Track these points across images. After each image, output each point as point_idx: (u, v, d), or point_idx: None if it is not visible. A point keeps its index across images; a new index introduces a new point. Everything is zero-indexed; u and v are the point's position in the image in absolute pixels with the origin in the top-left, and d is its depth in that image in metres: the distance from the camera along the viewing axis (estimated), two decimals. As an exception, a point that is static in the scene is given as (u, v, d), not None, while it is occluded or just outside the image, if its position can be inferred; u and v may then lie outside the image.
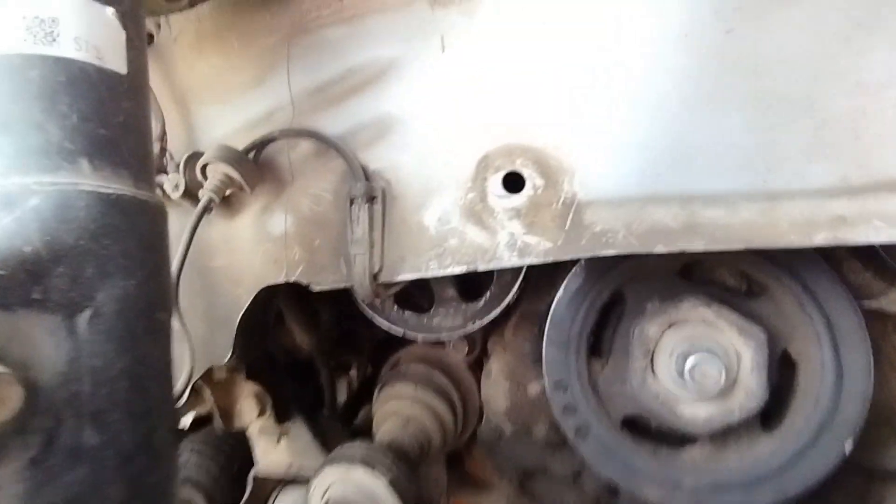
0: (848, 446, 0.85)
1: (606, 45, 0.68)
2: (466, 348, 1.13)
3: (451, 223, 0.73)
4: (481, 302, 1.01)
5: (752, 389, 0.85)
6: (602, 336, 1.01)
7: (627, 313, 0.95)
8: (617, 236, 0.66)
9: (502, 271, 1.00)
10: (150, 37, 0.91)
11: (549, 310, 0.96)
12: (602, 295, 0.95)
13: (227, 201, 0.91)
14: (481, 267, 0.72)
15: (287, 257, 0.84)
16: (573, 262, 0.93)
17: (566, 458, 1.07)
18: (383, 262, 0.77)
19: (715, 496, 0.89)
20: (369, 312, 1.06)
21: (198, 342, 0.93)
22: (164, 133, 0.88)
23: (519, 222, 0.70)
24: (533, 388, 1.07)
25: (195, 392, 1.10)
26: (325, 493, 0.95)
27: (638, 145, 0.66)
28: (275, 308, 1.08)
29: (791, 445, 0.87)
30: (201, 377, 1.12)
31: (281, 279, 0.85)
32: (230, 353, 0.90)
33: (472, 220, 0.72)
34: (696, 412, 0.88)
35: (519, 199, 0.69)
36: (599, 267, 0.95)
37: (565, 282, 0.97)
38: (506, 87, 0.71)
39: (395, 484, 0.93)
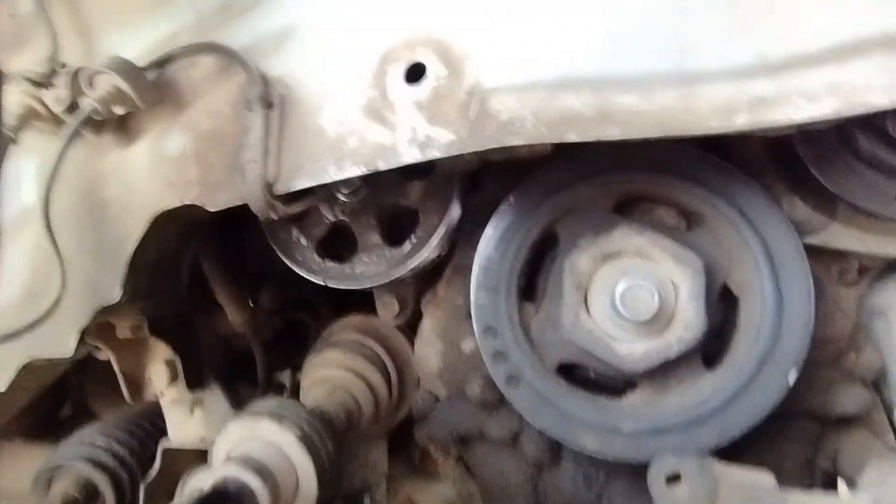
0: (791, 377, 0.79)
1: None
2: (397, 306, 1.05)
3: (350, 124, 0.67)
4: (406, 246, 0.94)
5: (689, 320, 0.79)
6: (536, 281, 0.95)
7: (561, 253, 0.90)
8: (525, 125, 0.60)
9: (428, 214, 0.93)
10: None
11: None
12: (532, 232, 0.89)
13: (123, 126, 0.83)
14: (382, 166, 0.66)
15: (182, 179, 0.77)
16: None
17: (503, 420, 0.98)
18: (279, 171, 0.70)
19: (655, 440, 0.82)
20: (288, 262, 0.98)
21: (86, 282, 0.84)
22: (55, 51, 0.80)
23: (421, 115, 0.64)
24: (467, 346, 1.00)
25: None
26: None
27: (545, 28, 0.61)
28: (190, 260, 0.99)
29: (733, 382, 0.80)
30: (102, 338, 1.02)
31: (176, 202, 0.77)
32: (120, 292, 0.81)
33: (372, 117, 0.66)
34: (632, 349, 0.81)
35: (421, 90, 0.64)
36: (529, 203, 0.90)
37: (493, 219, 0.91)
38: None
39: (305, 440, 0.84)
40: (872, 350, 0.92)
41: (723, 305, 0.88)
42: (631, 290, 0.76)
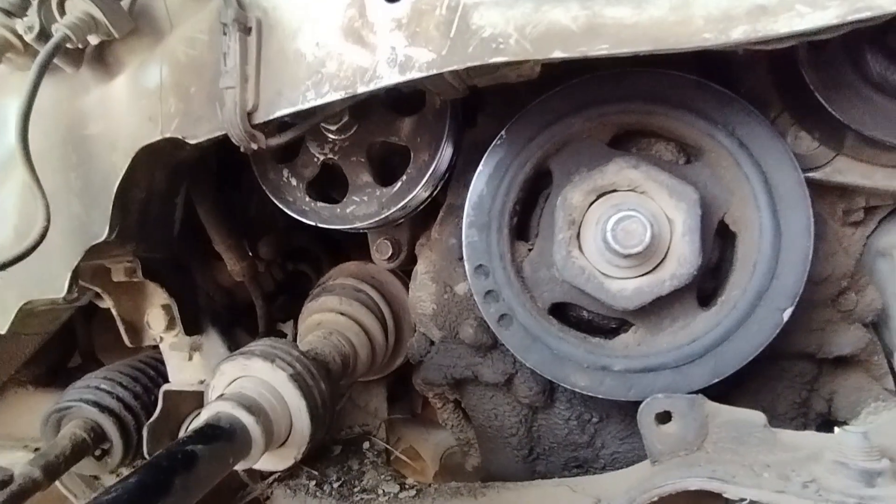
0: (786, 315, 0.77)
1: None
2: (390, 249, 1.04)
3: (328, 46, 0.64)
4: (397, 185, 0.92)
5: (683, 255, 0.77)
6: (530, 220, 0.93)
7: (554, 190, 0.87)
8: (508, 41, 0.57)
9: (419, 152, 0.91)
10: None
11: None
12: (525, 168, 0.86)
13: (102, 60, 0.81)
14: (361, 89, 0.63)
15: (162, 111, 0.75)
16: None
17: (496, 362, 0.98)
18: (259, 98, 0.68)
19: (645, 378, 0.81)
20: (279, 204, 0.97)
21: (75, 221, 0.84)
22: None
23: (401, 34, 0.61)
24: (461, 288, 0.98)
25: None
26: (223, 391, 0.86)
27: (531, -64, 0.57)
28: (180, 200, 0.98)
29: (726, 319, 0.79)
30: (99, 282, 1.03)
31: (157, 136, 0.75)
32: (107, 229, 0.81)
33: (350, 38, 0.63)
34: (624, 285, 0.80)
35: (400, 8, 0.61)
36: (521, 138, 0.87)
37: (484, 156, 0.88)
38: None
39: (296, 378, 0.84)
40: (873, 291, 0.89)
41: (720, 243, 0.85)
42: (622, 221, 0.74)
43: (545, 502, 0.87)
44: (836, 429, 0.69)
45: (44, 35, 0.72)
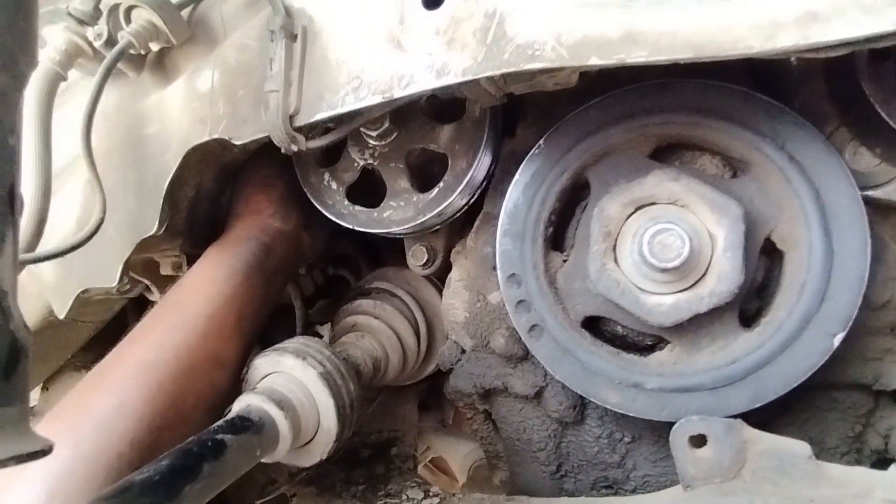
0: (837, 340, 0.72)
1: None
2: (425, 255, 1.04)
3: (368, 53, 0.66)
4: (434, 192, 0.93)
5: (724, 272, 0.74)
6: (566, 231, 0.92)
7: (591, 201, 0.86)
8: (544, 48, 0.57)
9: (457, 159, 0.92)
10: None
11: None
12: (561, 178, 0.85)
13: (161, 66, 0.86)
14: (397, 93, 0.64)
15: (212, 114, 0.79)
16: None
17: (527, 374, 0.97)
18: (300, 102, 0.70)
19: (680, 399, 0.78)
20: (318, 206, 0.99)
21: (127, 216, 0.89)
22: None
23: (438, 41, 0.62)
24: (494, 297, 0.98)
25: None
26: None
27: (571, -57, 0.57)
28: (226, 200, 1.03)
29: (770, 341, 0.75)
30: (148, 274, 1.08)
31: (205, 137, 0.79)
32: (157, 224, 0.85)
33: (390, 45, 0.65)
34: (660, 301, 0.77)
35: (439, 15, 0.62)
36: (559, 148, 0.86)
37: (521, 165, 0.88)
38: None
39: (326, 377, 0.86)
40: (941, 320, 0.82)
41: (767, 262, 0.81)
42: (660, 234, 0.72)
43: (570, 519, 0.85)
44: (892, 466, 0.64)
45: (111, 42, 0.77)
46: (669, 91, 0.80)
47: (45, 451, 0.45)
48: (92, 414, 0.75)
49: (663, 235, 0.72)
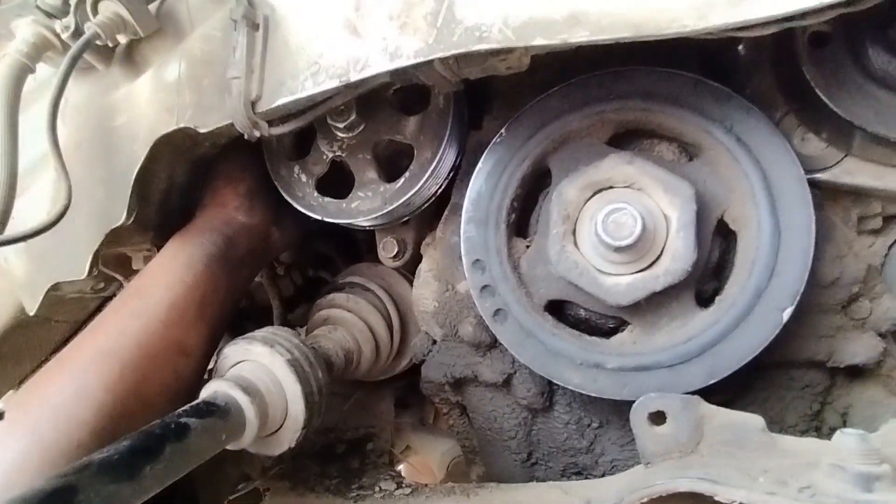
0: (787, 314, 0.75)
1: None
2: (395, 247, 1.06)
3: (326, 39, 0.68)
4: (400, 181, 0.95)
5: (678, 251, 0.76)
6: (530, 220, 0.94)
7: (552, 187, 0.88)
8: (492, 30, 0.59)
9: (422, 149, 0.94)
10: None
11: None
12: (523, 165, 0.88)
13: (130, 59, 0.88)
14: (353, 77, 0.66)
15: (178, 103, 0.80)
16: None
17: (495, 362, 0.98)
18: (262, 89, 0.72)
19: (640, 377, 0.79)
20: (289, 199, 1.01)
21: (96, 207, 0.90)
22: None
23: (391, 25, 0.64)
24: (462, 287, 0.99)
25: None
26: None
27: (516, -70, 0.60)
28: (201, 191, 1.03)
29: (724, 318, 0.77)
30: (120, 269, 1.09)
31: (172, 126, 0.81)
32: (125, 215, 0.86)
33: (346, 31, 0.67)
34: (618, 280, 0.79)
35: (392, 1, 0.64)
36: (520, 136, 0.88)
37: (484, 154, 0.90)
38: None
39: (294, 364, 0.86)
40: (890, 299, 0.85)
41: (722, 243, 0.84)
42: (613, 213, 0.74)
43: (536, 500, 0.86)
44: (836, 433, 0.66)
45: (78, 33, 0.79)
46: (623, 78, 0.83)
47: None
48: (49, 401, 0.74)
49: (617, 214, 0.74)
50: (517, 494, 0.89)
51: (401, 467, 1.44)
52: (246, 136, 0.75)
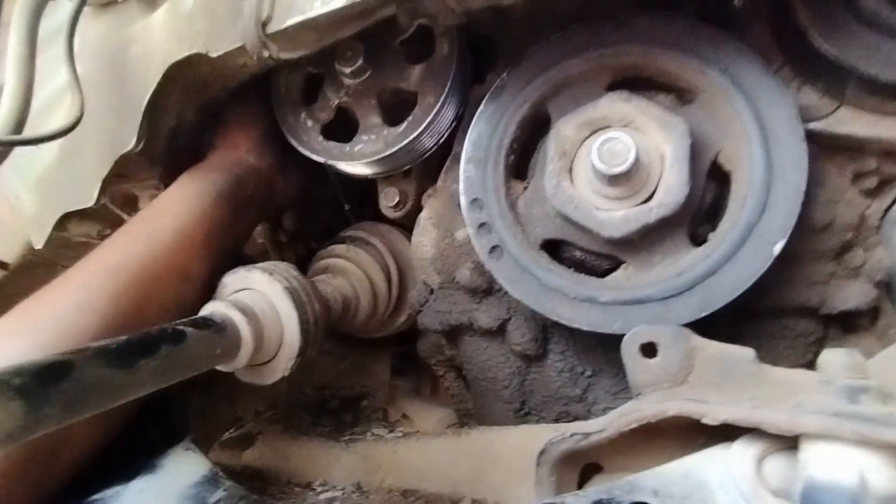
0: (777, 248, 0.76)
1: None
2: (397, 196, 1.08)
3: (339, -42, 0.71)
4: (403, 125, 0.97)
5: (671, 184, 0.77)
6: (528, 164, 0.96)
7: (551, 128, 0.90)
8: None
9: (426, 95, 0.96)
10: None
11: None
12: (523, 108, 0.90)
13: (149, -3, 0.91)
14: (362, -9, 0.69)
15: (191, 31, 0.83)
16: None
17: (491, 308, 0.99)
18: (273, 9, 0.75)
19: (631, 310, 0.80)
20: (294, 142, 1.04)
21: (107, 135, 0.92)
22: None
23: (398, -58, 0.67)
24: (461, 234, 1.01)
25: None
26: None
27: None
28: (209, 139, 1.06)
29: (715, 252, 0.78)
30: (127, 208, 1.11)
31: (185, 52, 0.84)
32: (135, 141, 0.89)
33: (355, -49, 0.70)
34: (612, 214, 0.80)
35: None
36: (521, 80, 0.91)
37: (485, 98, 0.93)
38: None
39: (291, 292, 0.88)
40: (884, 250, 0.86)
41: (716, 186, 0.85)
42: (608, 142, 0.76)
43: (526, 439, 0.86)
44: (818, 358, 0.67)
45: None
46: (623, 24, 0.85)
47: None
48: (54, 309, 0.76)
49: (611, 143, 0.76)
50: (509, 433, 0.90)
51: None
52: (255, 57, 0.78)
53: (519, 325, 0.97)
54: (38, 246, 1.06)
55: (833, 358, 0.63)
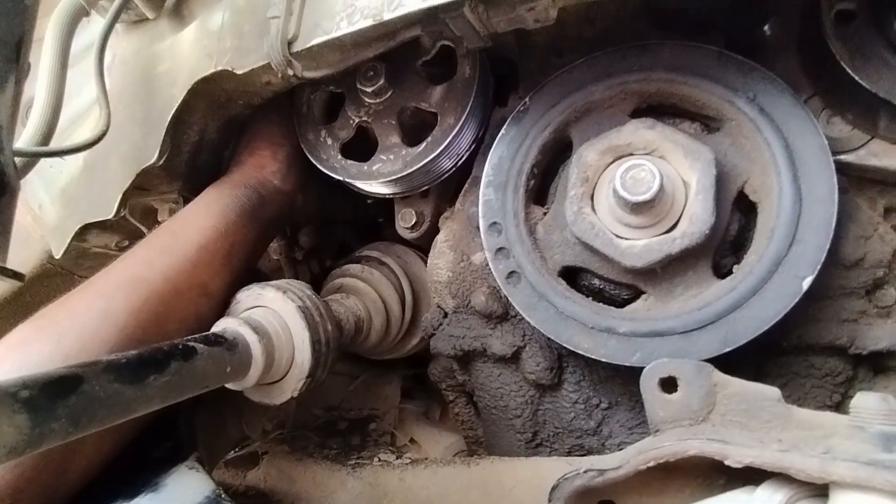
0: (806, 283, 0.73)
1: None
2: (413, 218, 1.07)
3: (363, -20, 0.72)
4: (422, 146, 0.97)
5: (696, 213, 0.75)
6: (549, 190, 0.95)
7: (573, 153, 0.89)
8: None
9: (446, 116, 0.96)
10: None
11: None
12: (545, 132, 0.89)
13: (178, 12, 0.93)
14: (387, 16, 0.69)
15: (219, 48, 0.84)
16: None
17: (505, 334, 0.97)
18: (299, 29, 0.75)
19: (651, 343, 0.78)
20: (313, 160, 1.04)
21: (131, 148, 0.93)
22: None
23: (426, -35, 0.67)
24: (477, 258, 1.00)
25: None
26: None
27: None
28: (228, 155, 1.07)
29: (742, 285, 0.75)
30: (147, 221, 1.12)
31: (211, 70, 0.84)
32: (158, 155, 0.89)
33: (382, -27, 0.71)
34: (634, 243, 0.78)
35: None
36: (544, 105, 0.90)
37: (507, 121, 0.92)
38: None
39: (304, 311, 0.87)
40: (919, 288, 0.83)
41: (742, 219, 0.83)
42: (632, 169, 0.74)
43: (538, 472, 0.83)
44: (851, 402, 0.63)
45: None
46: (648, 51, 0.84)
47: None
48: (77, 317, 0.76)
49: (635, 171, 0.74)
50: (519, 464, 0.87)
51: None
52: (280, 75, 0.79)
53: (534, 353, 0.95)
54: (58, 255, 1.07)
55: (867, 402, 0.60)
